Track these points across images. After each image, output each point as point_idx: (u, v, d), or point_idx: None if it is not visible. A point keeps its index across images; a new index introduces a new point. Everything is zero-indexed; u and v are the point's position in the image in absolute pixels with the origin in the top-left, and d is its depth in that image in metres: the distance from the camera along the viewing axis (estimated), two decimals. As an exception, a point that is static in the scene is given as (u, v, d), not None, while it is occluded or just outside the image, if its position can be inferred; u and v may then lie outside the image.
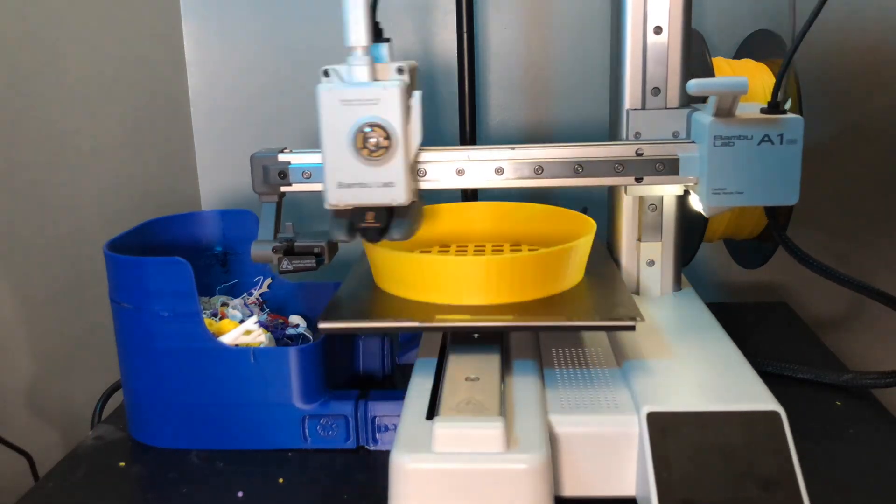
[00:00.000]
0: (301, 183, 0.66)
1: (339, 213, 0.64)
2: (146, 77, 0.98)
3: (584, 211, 0.74)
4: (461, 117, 0.99)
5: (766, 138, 0.61)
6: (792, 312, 0.96)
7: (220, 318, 0.72)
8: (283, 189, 0.66)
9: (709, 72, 0.77)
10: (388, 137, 0.60)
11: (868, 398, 0.71)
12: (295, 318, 0.77)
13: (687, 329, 0.70)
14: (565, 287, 0.66)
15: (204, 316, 0.66)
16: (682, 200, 0.77)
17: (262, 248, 0.64)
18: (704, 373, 0.61)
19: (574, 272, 0.67)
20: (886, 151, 1.00)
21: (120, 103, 0.93)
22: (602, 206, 0.81)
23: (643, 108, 0.73)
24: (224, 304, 0.76)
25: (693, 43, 0.78)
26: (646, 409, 0.55)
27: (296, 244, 0.64)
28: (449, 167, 0.65)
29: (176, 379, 0.66)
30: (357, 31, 0.59)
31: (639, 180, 0.65)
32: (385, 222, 0.64)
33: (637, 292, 0.79)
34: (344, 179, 0.61)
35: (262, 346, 0.67)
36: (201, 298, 0.73)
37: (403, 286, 0.66)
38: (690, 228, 0.80)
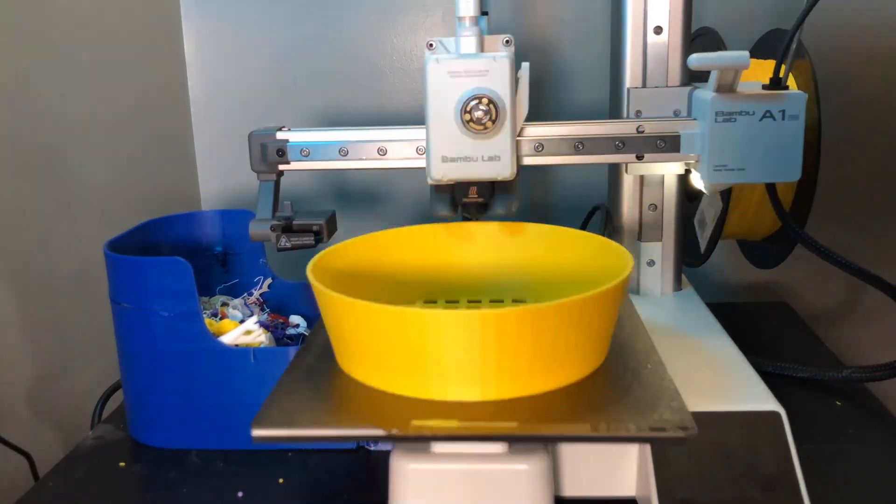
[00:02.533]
0: (299, 161, 0.65)
1: (441, 189, 0.63)
2: (146, 77, 0.98)
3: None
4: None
5: (767, 114, 0.60)
6: (792, 312, 0.96)
7: (220, 318, 0.72)
8: (281, 167, 0.66)
9: None
10: (496, 110, 0.59)
11: (868, 398, 0.71)
12: (295, 318, 0.77)
13: (687, 329, 0.70)
14: (590, 367, 0.53)
15: (204, 316, 0.66)
16: (682, 200, 0.77)
17: (260, 227, 0.64)
18: (704, 373, 0.61)
19: (601, 343, 0.53)
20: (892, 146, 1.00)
21: (120, 103, 0.93)
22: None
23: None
24: (224, 304, 0.76)
25: (711, 41, 0.78)
26: (646, 409, 0.55)
27: (294, 222, 0.64)
28: None
29: (176, 379, 0.66)
30: (467, 1, 0.58)
31: (640, 158, 0.65)
32: (488, 197, 0.63)
33: (637, 292, 0.79)
34: (448, 153, 0.60)
35: (262, 346, 0.67)
36: (201, 298, 0.73)
37: (366, 368, 0.52)
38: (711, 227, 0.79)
